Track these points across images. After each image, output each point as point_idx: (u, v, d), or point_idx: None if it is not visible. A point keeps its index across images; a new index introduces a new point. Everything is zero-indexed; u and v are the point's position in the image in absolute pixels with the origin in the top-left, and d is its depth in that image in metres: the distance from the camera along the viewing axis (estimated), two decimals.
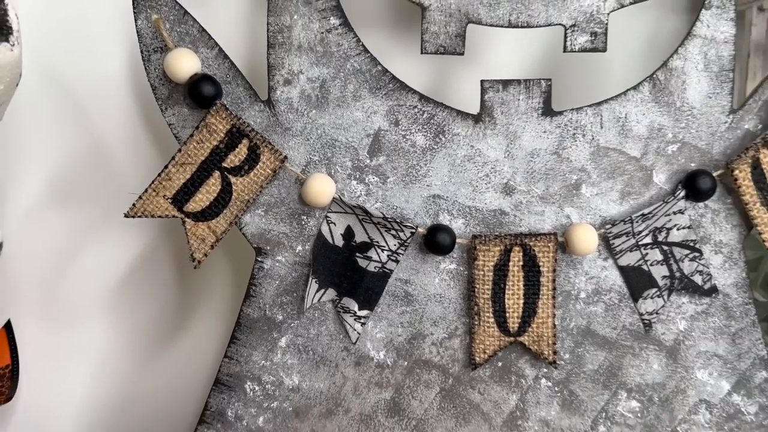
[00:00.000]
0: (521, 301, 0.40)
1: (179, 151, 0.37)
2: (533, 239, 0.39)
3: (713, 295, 0.41)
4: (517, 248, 0.39)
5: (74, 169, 0.47)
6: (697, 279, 0.41)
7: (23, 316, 0.46)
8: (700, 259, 0.41)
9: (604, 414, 0.42)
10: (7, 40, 0.30)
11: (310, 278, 0.39)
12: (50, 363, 0.48)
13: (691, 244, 0.41)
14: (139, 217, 0.37)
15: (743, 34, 0.56)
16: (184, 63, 0.37)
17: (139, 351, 0.50)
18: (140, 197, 0.37)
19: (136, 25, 0.38)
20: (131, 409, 0.50)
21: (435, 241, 0.39)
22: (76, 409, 0.49)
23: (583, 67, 0.51)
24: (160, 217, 0.37)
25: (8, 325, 0.44)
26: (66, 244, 0.48)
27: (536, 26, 0.39)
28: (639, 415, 0.42)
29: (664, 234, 0.40)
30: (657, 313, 0.41)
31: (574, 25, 0.39)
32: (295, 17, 0.38)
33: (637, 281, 0.41)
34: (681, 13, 0.50)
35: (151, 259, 0.49)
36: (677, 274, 0.41)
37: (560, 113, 0.40)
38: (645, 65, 0.48)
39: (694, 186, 0.40)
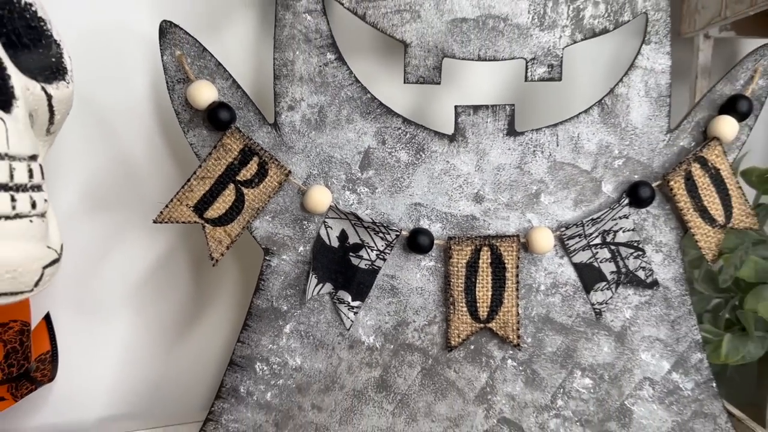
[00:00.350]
0: (489, 293, 0.46)
1: (200, 167, 0.44)
2: (499, 240, 0.46)
3: (655, 287, 0.48)
4: (485, 248, 0.46)
5: (104, 181, 0.53)
6: (641, 274, 0.48)
7: (60, 309, 0.52)
8: (643, 257, 0.48)
9: (561, 390, 0.48)
10: (63, 79, 0.37)
11: (311, 274, 0.46)
12: (84, 349, 0.54)
13: (635, 244, 0.48)
14: (166, 222, 0.44)
15: (692, 58, 0.63)
16: (204, 93, 0.43)
17: (161, 339, 0.56)
18: (167, 206, 0.44)
19: (162, 60, 0.44)
20: (154, 389, 0.56)
21: (416, 242, 0.46)
22: (106, 388, 0.55)
23: (549, 91, 0.58)
24: (183, 222, 0.44)
25: (48, 317, 0.50)
26: (97, 247, 0.53)
27: (502, 59, 0.46)
28: (592, 390, 0.48)
29: (611, 236, 0.47)
30: (606, 303, 0.48)
31: (533, 59, 0.46)
32: (297, 53, 0.45)
33: (589, 276, 0.48)
34: (638, 41, 0.57)
35: (170, 260, 0.56)
36: (623, 270, 0.48)
37: (522, 133, 0.47)
38: (606, 89, 0.55)
39: (636, 195, 0.47)
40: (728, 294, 0.57)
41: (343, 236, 0.46)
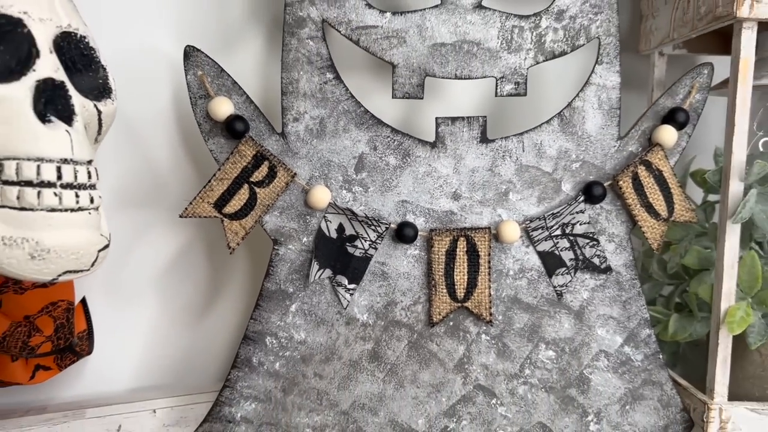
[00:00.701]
0: (466, 277, 0.54)
1: (219, 170, 0.52)
2: (474, 232, 0.54)
3: (608, 272, 0.56)
4: (462, 238, 0.54)
5: (133, 182, 0.60)
6: (596, 261, 0.56)
7: (95, 293, 0.60)
8: (597, 247, 0.56)
9: (528, 360, 0.56)
10: (109, 97, 0.45)
11: (313, 261, 0.53)
12: (114, 329, 0.61)
13: (591, 235, 0.55)
14: (190, 217, 0.52)
15: (649, 73, 0.71)
16: (222, 107, 0.51)
17: (182, 319, 0.63)
18: (191, 203, 0.52)
19: (186, 79, 0.52)
20: (177, 362, 0.64)
21: (403, 233, 0.53)
22: (134, 363, 0.62)
23: (517, 104, 0.66)
24: (205, 217, 0.52)
25: (84, 301, 0.58)
26: (126, 239, 0.61)
27: (475, 78, 0.54)
28: (554, 361, 0.56)
29: (570, 228, 0.55)
30: (566, 286, 0.56)
31: (502, 77, 0.54)
32: (301, 73, 0.53)
33: (551, 262, 0.55)
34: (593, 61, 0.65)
35: (189, 250, 0.63)
36: (581, 257, 0.56)
37: (493, 140, 0.55)
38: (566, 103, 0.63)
39: (590, 193, 0.55)
40: (679, 280, 0.65)
41: (340, 229, 0.54)
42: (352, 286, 0.54)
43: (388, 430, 0.55)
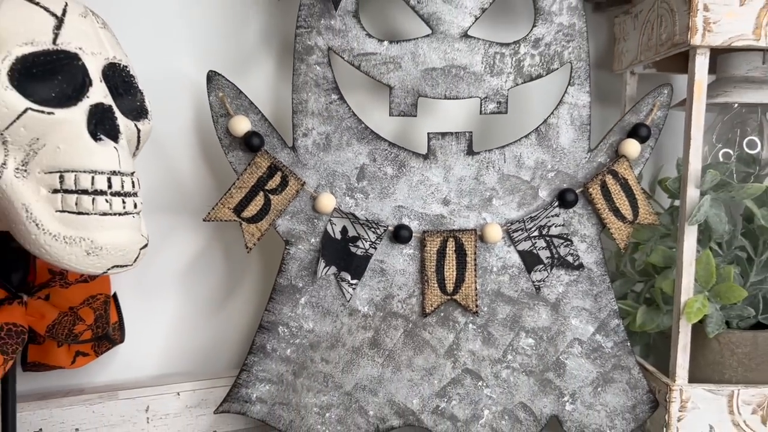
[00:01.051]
0: (454, 273, 0.61)
1: (237, 179, 0.59)
2: (461, 233, 0.61)
3: (581, 269, 0.63)
4: (451, 239, 0.61)
5: (160, 190, 0.67)
6: (570, 259, 0.63)
7: (125, 289, 0.66)
8: (571, 246, 0.63)
9: (510, 347, 0.63)
10: (146, 117, 0.52)
11: (320, 259, 0.61)
12: (142, 321, 0.68)
13: (565, 236, 0.63)
14: (213, 221, 0.59)
15: (621, 90, 0.78)
16: (241, 124, 0.59)
17: (203, 311, 0.70)
18: (213, 208, 0.59)
19: (209, 100, 0.59)
20: (198, 351, 0.70)
21: (399, 235, 0.61)
22: (159, 351, 0.69)
23: (500, 121, 0.73)
24: (225, 221, 0.59)
25: (115, 295, 0.65)
26: (152, 241, 0.67)
27: (463, 98, 0.61)
28: (534, 348, 0.63)
29: (546, 230, 0.62)
30: (544, 281, 0.63)
31: (486, 97, 0.61)
32: (310, 94, 0.60)
33: (530, 260, 0.63)
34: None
35: (209, 250, 0.70)
36: (556, 256, 0.63)
37: (478, 153, 0.62)
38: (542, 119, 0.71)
39: (564, 199, 0.62)
40: (647, 277, 0.72)
41: (344, 231, 0.61)
42: (354, 281, 0.61)
43: (387, 409, 0.62)
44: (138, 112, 0.52)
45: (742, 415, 0.63)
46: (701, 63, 0.61)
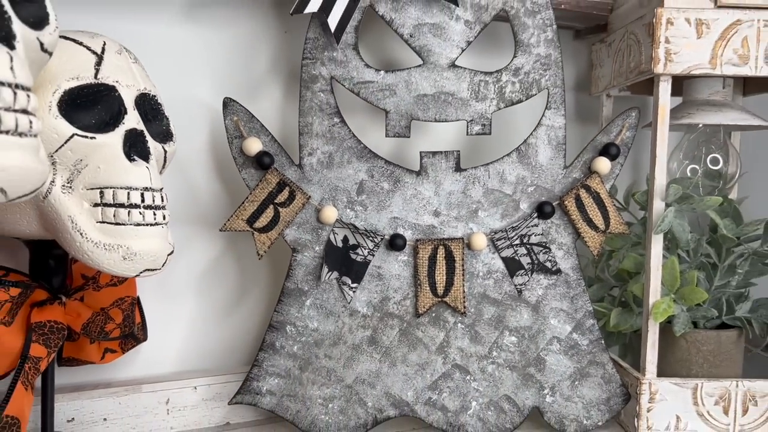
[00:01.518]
0: (444, 278, 0.68)
1: (250, 194, 0.66)
2: (450, 241, 0.68)
3: (558, 274, 0.70)
4: (441, 247, 0.68)
5: (178, 203, 0.74)
6: (548, 264, 0.70)
7: (147, 293, 0.74)
8: (549, 253, 0.70)
9: (495, 345, 0.70)
10: (172, 140, 0.59)
11: (323, 265, 0.68)
12: (162, 321, 0.75)
13: (544, 244, 0.70)
14: (228, 231, 0.66)
15: (598, 111, 0.86)
16: (253, 145, 0.66)
17: (217, 313, 0.77)
18: (228, 220, 0.66)
19: (225, 123, 0.67)
20: (213, 347, 0.77)
21: (394, 243, 0.68)
22: (177, 350, 0.75)
23: (485, 141, 0.80)
24: (239, 231, 0.66)
25: (138, 299, 0.72)
26: None
27: (451, 121, 0.69)
28: (516, 345, 0.70)
29: (527, 238, 0.69)
30: (525, 285, 0.70)
31: (472, 120, 0.68)
32: (314, 118, 0.68)
33: (512, 266, 0.70)
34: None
35: (222, 257, 0.77)
36: (536, 262, 0.70)
37: (465, 170, 0.69)
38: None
39: (542, 210, 0.69)
40: (622, 282, 0.79)
41: (345, 239, 0.68)
42: (354, 285, 0.68)
43: (384, 401, 0.69)
44: (164, 135, 0.59)
45: (706, 406, 0.69)
46: (664, 89, 0.68)
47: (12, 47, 0.41)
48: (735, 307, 0.74)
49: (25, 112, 0.41)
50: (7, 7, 0.41)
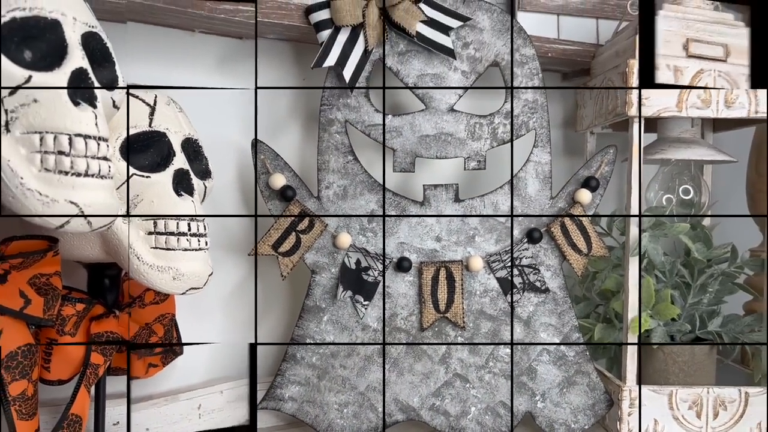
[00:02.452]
0: (446, 296, 0.77)
1: (275, 222, 0.76)
2: (451, 263, 0.77)
3: (547, 292, 0.79)
4: (443, 268, 0.77)
5: (210, 231, 0.84)
6: (538, 284, 0.79)
7: (182, 310, 0.83)
8: (539, 274, 0.79)
9: (492, 356, 0.79)
10: (210, 177, 0.69)
11: (339, 285, 0.77)
12: (194, 336, 0.84)
13: (533, 266, 0.79)
14: (256, 255, 0.76)
15: (584, 147, 0.95)
16: (278, 180, 0.76)
17: (241, 329, 0.86)
18: (256, 245, 0.76)
19: (254, 161, 0.76)
20: (240, 360, 0.86)
21: (401, 265, 0.77)
22: (207, 360, 0.84)
23: (481, 175, 0.90)
24: (265, 255, 0.75)
25: (174, 317, 0.81)
26: None
27: (450, 158, 0.78)
28: (510, 356, 0.79)
29: (518, 261, 0.79)
30: (517, 302, 0.79)
31: (468, 157, 0.78)
32: (331, 156, 0.78)
33: (505, 285, 0.79)
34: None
35: (247, 279, 0.87)
36: (527, 282, 0.79)
37: (463, 200, 0.79)
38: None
39: (531, 236, 0.78)
40: (605, 300, 0.88)
41: (358, 262, 0.77)
42: (366, 302, 0.77)
43: (393, 406, 0.78)
44: (204, 173, 0.69)
45: (681, 410, 0.78)
46: (637, 129, 0.78)
47: (95, 107, 0.51)
48: (707, 323, 0.83)
49: (105, 158, 0.51)
50: (91, 74, 0.52)
